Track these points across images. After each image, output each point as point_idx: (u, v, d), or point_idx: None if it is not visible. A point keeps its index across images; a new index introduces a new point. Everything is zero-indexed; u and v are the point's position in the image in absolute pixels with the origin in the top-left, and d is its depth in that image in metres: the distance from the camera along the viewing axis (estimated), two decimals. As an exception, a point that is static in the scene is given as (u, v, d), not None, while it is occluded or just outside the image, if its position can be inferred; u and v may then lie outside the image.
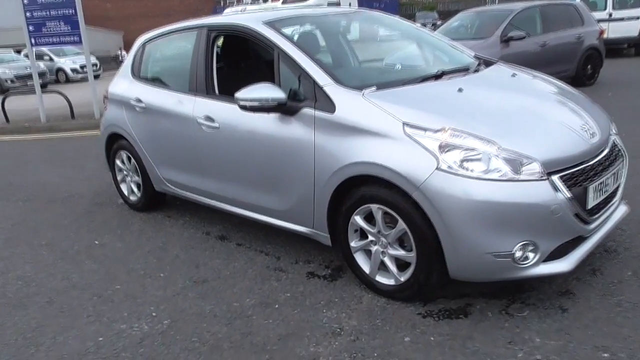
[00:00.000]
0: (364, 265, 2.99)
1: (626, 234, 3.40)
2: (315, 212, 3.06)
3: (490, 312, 2.71)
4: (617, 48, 13.67)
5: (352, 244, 2.99)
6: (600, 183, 2.73)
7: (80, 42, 10.13)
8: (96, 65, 23.70)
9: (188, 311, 2.94)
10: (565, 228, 2.58)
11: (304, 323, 2.74)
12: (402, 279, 2.80)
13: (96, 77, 14.42)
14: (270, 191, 3.30)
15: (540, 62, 7.80)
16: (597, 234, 2.78)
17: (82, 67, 22.29)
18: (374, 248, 2.90)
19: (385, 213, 2.76)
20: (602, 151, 2.84)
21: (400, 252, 2.78)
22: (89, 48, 10.46)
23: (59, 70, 23.75)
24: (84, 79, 11.27)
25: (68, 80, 23.34)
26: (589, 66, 9.32)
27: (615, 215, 2.96)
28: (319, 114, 2.94)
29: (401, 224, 2.69)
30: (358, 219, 2.89)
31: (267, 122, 3.18)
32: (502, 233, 2.49)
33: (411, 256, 2.72)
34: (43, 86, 14.20)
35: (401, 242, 2.80)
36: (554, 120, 2.84)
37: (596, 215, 2.73)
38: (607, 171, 2.79)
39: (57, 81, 22.98)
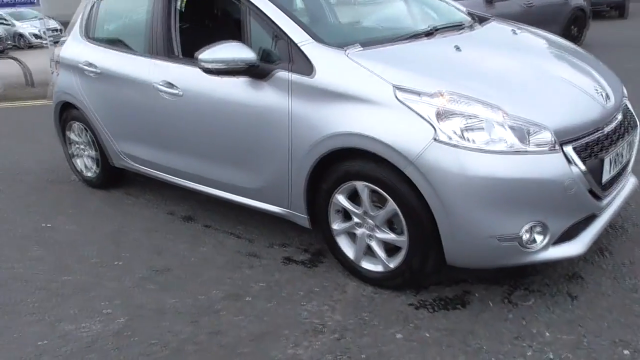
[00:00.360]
0: (348, 250, 2.64)
1: (631, 209, 3.11)
2: (292, 190, 2.68)
3: (491, 301, 2.39)
4: (599, 10, 13.37)
5: (334, 226, 2.63)
6: (616, 154, 2.41)
7: (36, 3, 9.39)
8: (58, 30, 22.51)
9: (147, 307, 2.56)
10: (578, 206, 2.25)
11: (280, 319, 2.39)
12: (392, 266, 2.46)
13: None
14: (240, 167, 2.90)
15: (525, 23, 7.43)
16: (608, 211, 2.47)
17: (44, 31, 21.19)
18: (359, 231, 2.55)
19: (372, 191, 2.40)
20: (616, 117, 2.50)
21: (390, 236, 2.43)
22: (47, 11, 9.74)
23: (19, 35, 22.52)
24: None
25: (30, 45, 22.17)
26: (573, 27, 9.00)
27: (625, 189, 2.65)
28: (295, 77, 2.53)
29: (391, 204, 2.33)
30: (341, 199, 2.52)
31: (236, 88, 2.76)
32: (509, 213, 2.15)
33: (402, 240, 2.37)
34: (1, 52, 13.34)
35: (390, 224, 2.46)
36: (565, 82, 2.49)
37: (609, 190, 2.41)
38: (623, 140, 2.47)
39: (17, 47, 21.79)
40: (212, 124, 2.94)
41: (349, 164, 2.42)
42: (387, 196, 2.33)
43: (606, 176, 2.34)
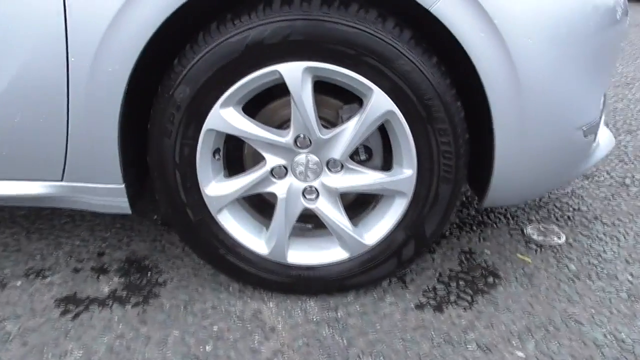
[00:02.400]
0: (248, 238, 1.17)
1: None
2: (72, 129, 1.02)
3: (530, 258, 1.37)
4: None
5: (210, 189, 1.11)
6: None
7: None
8: None
9: None
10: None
11: None
12: (370, 242, 1.15)
13: None
14: None
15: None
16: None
17: None
18: (282, 185, 1.12)
19: (316, 85, 1.04)
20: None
21: (373, 176, 1.10)
22: None
23: None
24: None
25: None
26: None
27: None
28: None
29: (380, 101, 1.01)
30: (230, 116, 1.04)
31: None
32: (595, 80, 1.14)
33: (404, 179, 1.08)
34: None
35: (354, 153, 1.14)
36: None
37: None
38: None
39: None
40: None
41: (249, 27, 0.97)
42: (369, 84, 1.00)
43: None
